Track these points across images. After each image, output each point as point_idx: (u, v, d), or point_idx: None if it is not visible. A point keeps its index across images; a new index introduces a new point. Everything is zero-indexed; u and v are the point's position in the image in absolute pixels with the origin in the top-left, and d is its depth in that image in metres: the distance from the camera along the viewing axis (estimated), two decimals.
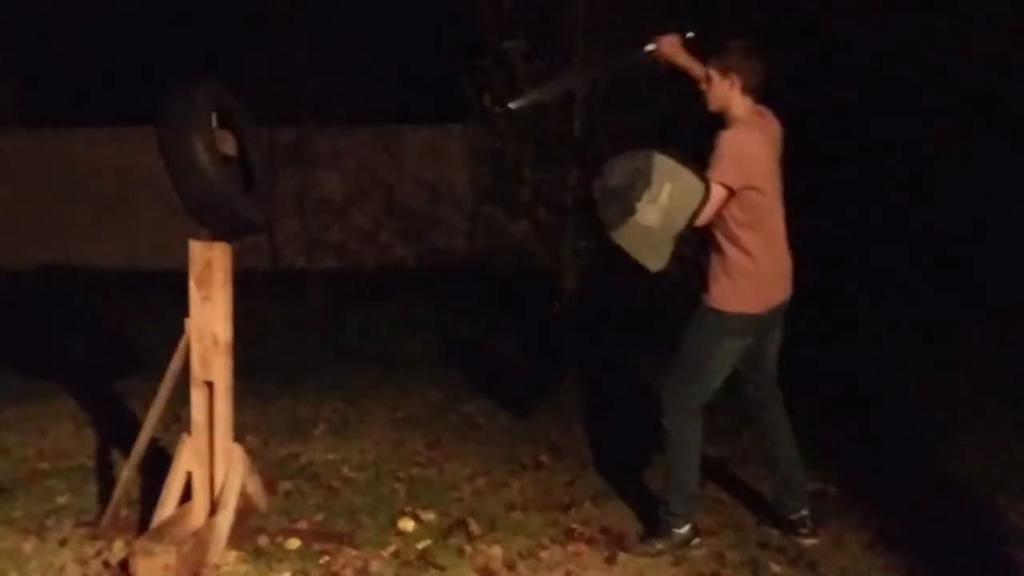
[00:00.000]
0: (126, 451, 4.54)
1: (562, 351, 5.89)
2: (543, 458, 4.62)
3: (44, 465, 4.48)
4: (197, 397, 3.68)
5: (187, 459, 3.68)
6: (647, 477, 4.30)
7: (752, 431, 3.94)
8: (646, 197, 3.34)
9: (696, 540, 3.66)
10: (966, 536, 3.74)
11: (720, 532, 3.78)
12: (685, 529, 3.65)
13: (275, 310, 7.78)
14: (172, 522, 3.56)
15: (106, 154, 9.92)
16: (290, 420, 5.20)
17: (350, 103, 8.25)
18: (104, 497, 4.05)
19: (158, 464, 3.99)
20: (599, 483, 4.29)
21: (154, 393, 5.40)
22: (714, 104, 3.57)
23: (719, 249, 3.54)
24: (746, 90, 3.51)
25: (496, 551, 3.60)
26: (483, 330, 7.14)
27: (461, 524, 3.81)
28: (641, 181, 3.35)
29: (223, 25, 9.03)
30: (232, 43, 8.55)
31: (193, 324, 3.66)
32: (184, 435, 3.72)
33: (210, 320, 3.65)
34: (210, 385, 3.67)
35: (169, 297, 8.42)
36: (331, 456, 4.64)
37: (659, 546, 3.63)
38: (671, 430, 3.62)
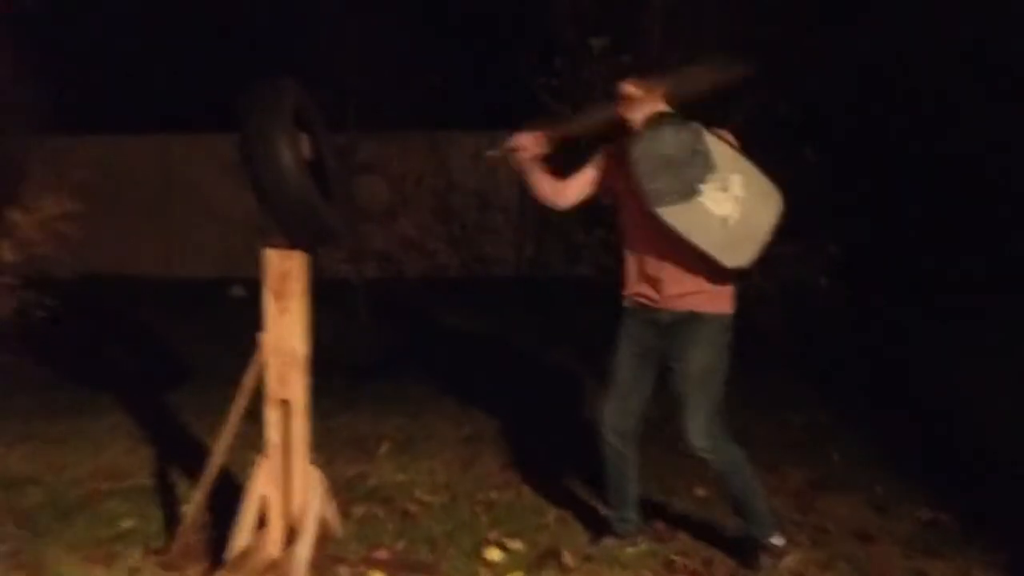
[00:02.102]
0: (186, 470, 4.35)
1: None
2: None
3: (103, 485, 4.26)
4: (273, 416, 3.45)
5: (263, 482, 3.45)
6: None
7: None
8: (712, 182, 3.14)
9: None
10: None
11: (831, 565, 3.51)
12: (781, 541, 3.46)
13: (321, 321, 7.55)
14: (249, 551, 3.33)
15: (147, 162, 9.75)
16: (352, 437, 4.96)
17: (399, 107, 8.04)
18: (170, 521, 3.84)
19: (224, 486, 3.76)
20: (690, 509, 4.03)
21: (207, 406, 5.28)
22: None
23: (693, 260, 3.29)
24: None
25: None
26: (540, 343, 6.89)
27: (552, 554, 3.56)
28: (699, 159, 3.14)
29: (267, 26, 8.89)
30: (277, 44, 8.39)
31: (269, 338, 3.43)
32: (259, 457, 3.48)
33: (287, 334, 3.42)
34: (286, 403, 3.45)
35: (207, 305, 8.37)
36: (400, 477, 4.40)
37: (764, 562, 3.42)
38: (722, 464, 3.39)
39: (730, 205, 3.16)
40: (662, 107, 3.31)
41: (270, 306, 3.42)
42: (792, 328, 5.53)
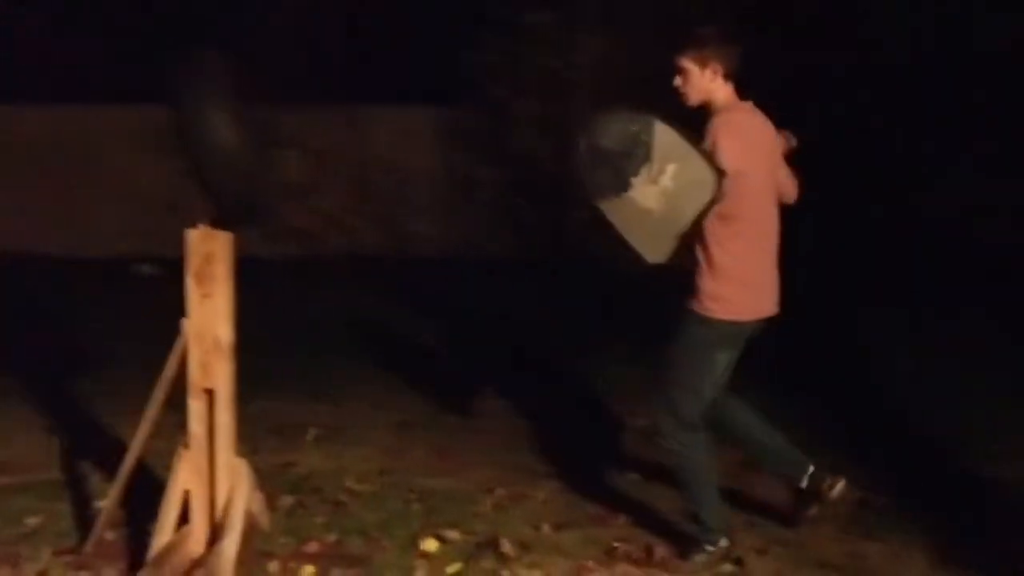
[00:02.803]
0: (99, 463, 4.12)
1: (570, 348, 5.55)
2: (558, 465, 4.29)
3: (8, 480, 3.99)
4: (196, 406, 3.26)
5: (185, 476, 3.26)
6: (675, 485, 4.00)
7: (728, 433, 3.61)
8: (644, 173, 3.06)
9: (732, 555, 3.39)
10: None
11: (767, 550, 3.50)
12: (724, 542, 3.39)
13: (237, 302, 7.28)
14: (171, 549, 3.15)
15: (46, 134, 9.22)
16: (275, 425, 4.75)
17: (319, 81, 7.78)
18: (83, 519, 3.61)
19: (141, 480, 3.55)
20: (626, 493, 3.98)
21: (124, 395, 5.02)
22: (695, 97, 3.31)
23: (703, 246, 3.25)
24: (727, 76, 3.27)
25: (537, 575, 3.26)
26: (466, 325, 6.77)
27: (491, 543, 3.47)
28: (640, 151, 3.06)
29: None
30: (184, 12, 8.04)
31: (192, 325, 3.23)
32: (181, 449, 3.29)
33: (211, 320, 3.22)
34: (210, 393, 3.26)
35: (130, 289, 8.00)
36: (329, 465, 4.25)
37: (698, 560, 3.35)
38: (677, 451, 3.36)
39: (656, 197, 3.09)
40: (719, 85, 3.26)
41: (192, 291, 3.22)
42: None
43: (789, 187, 3.48)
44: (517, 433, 4.75)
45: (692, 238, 3.17)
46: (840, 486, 3.45)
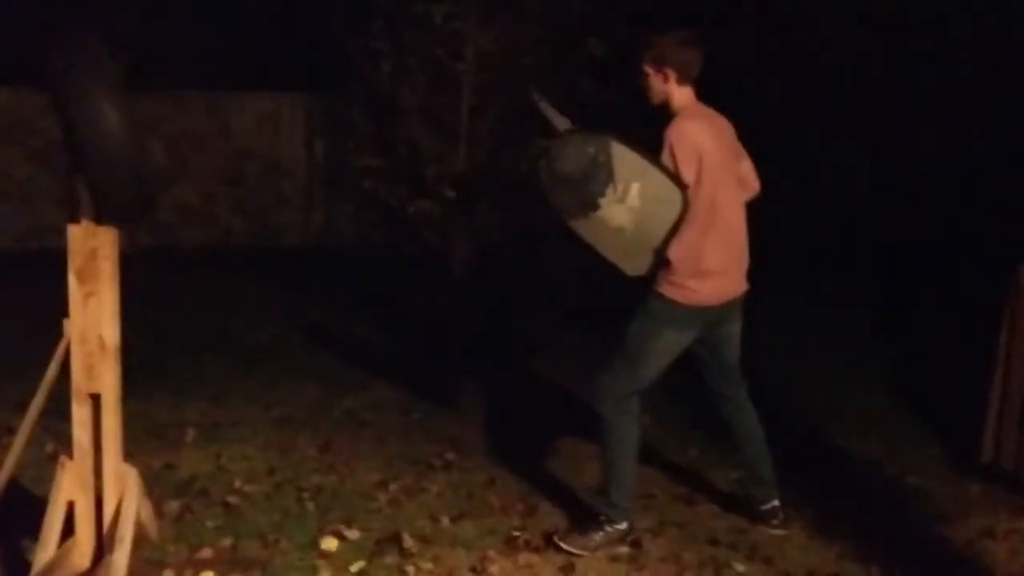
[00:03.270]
0: None
1: (448, 341, 5.54)
2: (450, 456, 4.29)
3: None
4: (80, 412, 3.09)
5: (69, 487, 3.08)
6: (569, 473, 4.09)
7: (725, 424, 3.75)
8: (610, 194, 3.19)
9: (628, 538, 3.49)
10: (895, 513, 3.82)
11: (662, 531, 3.62)
12: (624, 525, 3.49)
13: None
14: (56, 564, 2.97)
15: None
16: (150, 425, 4.55)
17: (176, 67, 7.48)
18: None
19: (12, 491, 3.32)
20: (521, 482, 4.03)
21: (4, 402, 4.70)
22: (654, 99, 3.44)
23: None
24: (682, 82, 3.39)
25: (441, 569, 3.27)
26: (341, 316, 6.67)
27: (392, 539, 3.44)
28: (601, 173, 3.18)
29: None
30: None
31: (74, 326, 3.06)
32: (63, 458, 3.11)
33: (95, 320, 3.06)
34: (95, 398, 3.10)
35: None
36: (213, 466, 4.11)
37: (597, 539, 3.44)
38: (607, 418, 3.45)
39: (625, 216, 3.20)
40: (677, 90, 3.34)
41: (75, 289, 3.04)
42: None
43: (751, 180, 3.59)
44: (404, 425, 4.73)
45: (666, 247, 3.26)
46: (780, 532, 3.61)
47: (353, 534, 3.48)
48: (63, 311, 3.05)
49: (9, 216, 8.29)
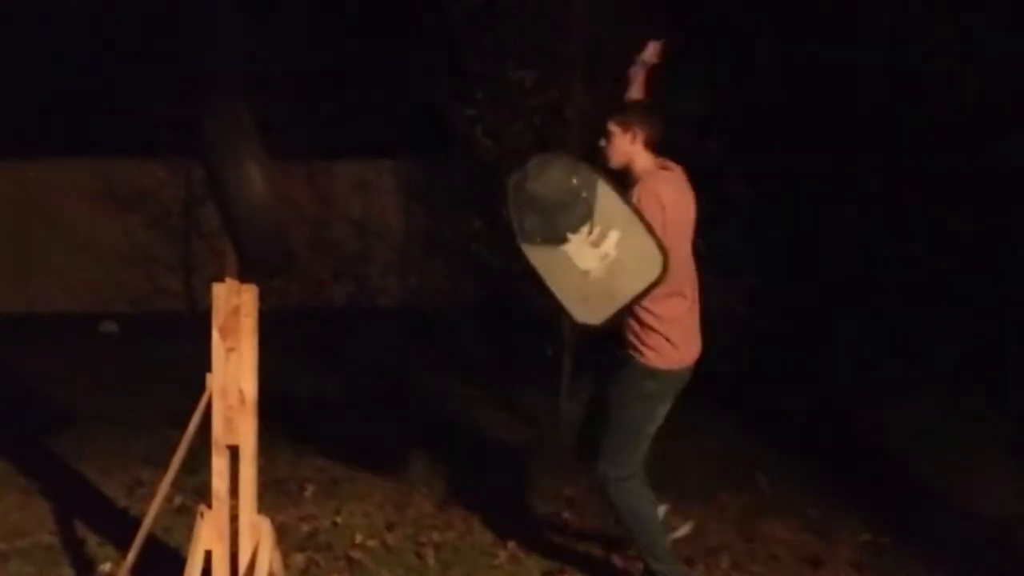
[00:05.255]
0: (90, 523, 4.00)
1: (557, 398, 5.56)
2: (567, 515, 4.30)
3: (3, 546, 3.83)
4: (219, 463, 3.19)
5: (207, 536, 3.18)
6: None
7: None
8: (583, 233, 3.04)
9: None
10: None
11: None
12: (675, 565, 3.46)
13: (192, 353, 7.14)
14: None
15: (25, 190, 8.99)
16: (271, 480, 4.65)
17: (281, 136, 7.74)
18: None
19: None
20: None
21: (109, 453, 4.89)
22: (616, 160, 3.38)
23: (638, 308, 3.25)
24: (648, 144, 3.37)
25: None
26: (443, 373, 6.74)
27: None
28: (580, 208, 3.04)
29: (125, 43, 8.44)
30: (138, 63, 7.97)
31: (216, 380, 3.18)
32: (202, 508, 3.21)
33: (235, 375, 3.18)
34: (233, 449, 3.20)
35: (76, 343, 7.76)
36: (334, 521, 4.18)
37: None
38: (619, 503, 3.39)
39: (595, 261, 3.06)
40: (638, 151, 3.34)
41: (217, 344, 3.17)
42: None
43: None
44: (524, 483, 4.72)
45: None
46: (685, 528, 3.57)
47: None
48: (176, 370, 3.18)
49: (129, 280, 8.65)
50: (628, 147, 3.36)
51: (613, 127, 3.38)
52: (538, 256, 3.12)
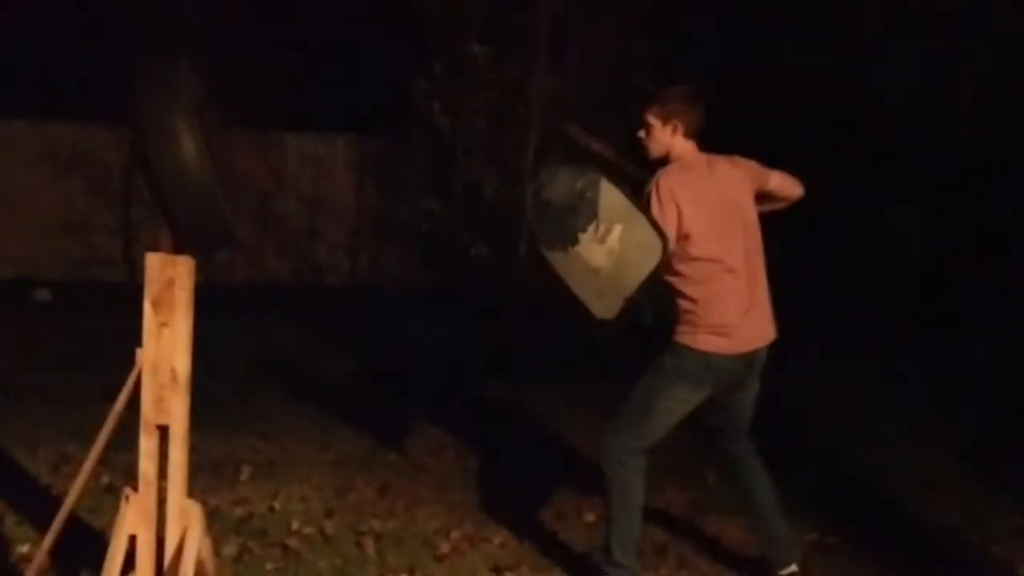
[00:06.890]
0: (11, 503, 3.78)
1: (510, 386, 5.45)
2: (513, 505, 4.16)
3: None
4: (148, 444, 3.00)
5: (132, 520, 2.99)
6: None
7: (732, 484, 3.65)
8: (591, 231, 3.11)
9: None
10: None
11: None
12: None
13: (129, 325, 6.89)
14: None
15: None
16: (204, 461, 4.47)
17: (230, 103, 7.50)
18: (7, 571, 3.28)
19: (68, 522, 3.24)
20: (584, 533, 3.89)
21: (23, 426, 4.65)
22: (655, 151, 3.34)
23: (672, 295, 3.28)
24: (688, 135, 3.32)
25: None
26: (392, 358, 6.59)
27: None
28: (586, 208, 3.12)
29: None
30: (90, 30, 7.68)
31: (147, 356, 2.99)
32: (128, 491, 3.02)
33: (168, 351, 2.99)
34: (163, 429, 3.02)
35: (7, 310, 7.46)
36: (271, 506, 4.01)
37: None
38: (610, 475, 3.32)
39: (604, 257, 3.11)
40: (679, 142, 3.27)
41: (149, 319, 2.98)
42: None
43: (787, 190, 3.47)
44: (466, 470, 4.61)
45: (639, 298, 3.16)
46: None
47: None
48: (113, 342, 3.00)
49: (66, 247, 8.35)
50: (668, 139, 3.32)
51: (653, 119, 3.31)
52: (558, 261, 3.19)
